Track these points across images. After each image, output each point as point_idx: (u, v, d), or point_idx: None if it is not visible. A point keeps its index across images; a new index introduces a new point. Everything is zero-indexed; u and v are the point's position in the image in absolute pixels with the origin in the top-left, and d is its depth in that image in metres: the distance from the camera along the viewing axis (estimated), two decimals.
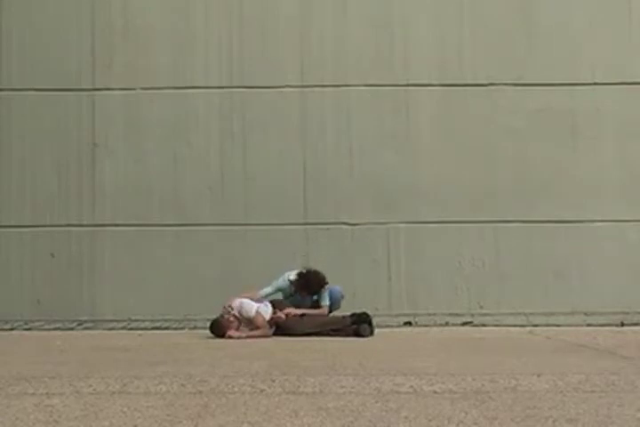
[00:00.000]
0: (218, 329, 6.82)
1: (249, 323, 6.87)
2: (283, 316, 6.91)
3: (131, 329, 7.95)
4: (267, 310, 6.94)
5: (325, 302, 7.24)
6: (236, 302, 6.88)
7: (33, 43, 8.33)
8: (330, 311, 7.28)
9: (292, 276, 7.23)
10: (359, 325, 6.88)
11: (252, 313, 6.82)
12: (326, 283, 7.18)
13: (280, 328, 6.94)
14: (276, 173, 8.20)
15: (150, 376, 4.27)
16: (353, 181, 8.22)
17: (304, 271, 7.20)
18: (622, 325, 7.90)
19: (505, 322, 7.96)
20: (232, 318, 6.79)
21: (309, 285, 7.17)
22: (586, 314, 8.00)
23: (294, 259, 7.64)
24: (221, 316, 6.85)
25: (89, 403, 3.54)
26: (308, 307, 7.23)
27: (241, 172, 8.23)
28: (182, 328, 7.93)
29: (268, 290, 7.22)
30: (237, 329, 6.82)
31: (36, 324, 8.02)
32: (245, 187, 8.21)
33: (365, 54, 8.33)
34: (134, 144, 8.27)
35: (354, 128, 8.26)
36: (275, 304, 7.08)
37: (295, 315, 7.02)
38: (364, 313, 7.01)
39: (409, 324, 7.99)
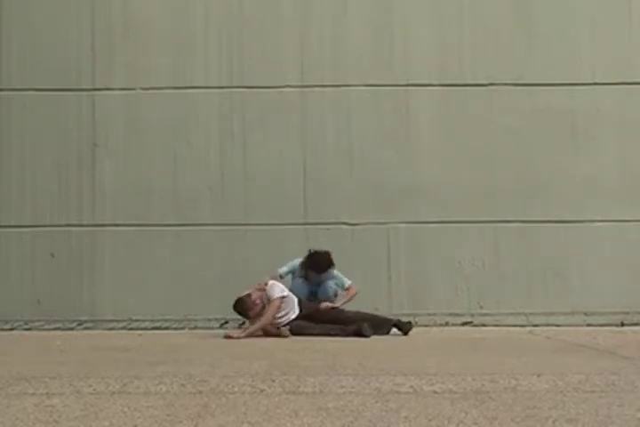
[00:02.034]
0: (241, 307, 6.88)
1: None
2: (288, 334, 6.89)
3: (131, 329, 7.96)
4: (293, 300, 7.04)
5: (345, 282, 7.45)
6: (270, 282, 7.01)
7: (33, 43, 8.33)
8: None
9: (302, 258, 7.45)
10: (360, 324, 6.89)
11: (275, 296, 6.87)
12: (333, 264, 7.33)
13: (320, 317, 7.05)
14: (275, 173, 8.21)
15: (150, 376, 4.27)
16: (353, 181, 8.22)
17: (312, 251, 7.39)
18: (622, 325, 7.91)
19: (505, 322, 7.97)
20: (258, 301, 6.85)
21: (318, 263, 7.31)
22: (586, 314, 8.00)
23: (294, 259, 7.62)
24: (248, 295, 6.88)
25: (89, 403, 3.54)
26: (306, 295, 7.34)
27: (241, 172, 8.23)
28: (182, 328, 7.94)
29: (284, 269, 7.44)
30: (258, 313, 6.85)
31: (36, 324, 8.02)
32: (245, 187, 8.21)
33: (365, 54, 8.33)
34: (134, 144, 8.27)
35: (354, 128, 8.26)
36: (307, 305, 7.17)
37: (329, 308, 7.18)
38: (409, 322, 7.19)
39: (409, 324, 7.97)
